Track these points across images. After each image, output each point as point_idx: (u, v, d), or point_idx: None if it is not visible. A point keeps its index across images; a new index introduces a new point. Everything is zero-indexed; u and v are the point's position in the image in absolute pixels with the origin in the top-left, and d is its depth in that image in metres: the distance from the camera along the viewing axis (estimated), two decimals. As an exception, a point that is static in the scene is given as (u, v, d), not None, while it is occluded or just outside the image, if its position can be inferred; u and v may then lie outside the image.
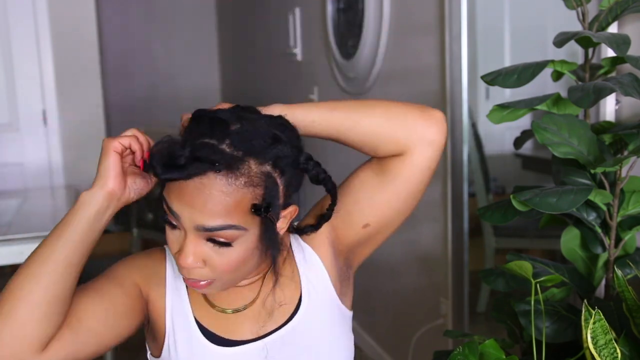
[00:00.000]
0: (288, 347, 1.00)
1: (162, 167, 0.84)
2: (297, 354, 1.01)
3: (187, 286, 0.99)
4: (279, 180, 0.89)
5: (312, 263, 1.03)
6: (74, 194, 3.29)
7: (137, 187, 0.92)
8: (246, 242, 0.89)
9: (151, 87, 5.07)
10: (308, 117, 0.95)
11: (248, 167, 0.86)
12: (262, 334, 1.00)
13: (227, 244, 0.88)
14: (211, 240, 0.87)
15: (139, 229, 3.53)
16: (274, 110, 0.94)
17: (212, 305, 1.00)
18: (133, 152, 0.92)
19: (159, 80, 5.09)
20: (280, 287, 1.01)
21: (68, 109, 3.68)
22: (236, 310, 1.00)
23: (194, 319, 0.98)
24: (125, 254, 1.09)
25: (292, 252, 1.04)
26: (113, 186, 0.88)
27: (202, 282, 0.91)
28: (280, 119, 0.91)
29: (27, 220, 2.69)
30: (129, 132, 0.92)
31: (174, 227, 0.89)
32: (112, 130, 4.65)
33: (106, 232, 0.93)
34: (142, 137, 0.92)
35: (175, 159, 0.83)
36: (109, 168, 0.88)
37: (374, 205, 0.99)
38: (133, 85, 5.01)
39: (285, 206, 0.92)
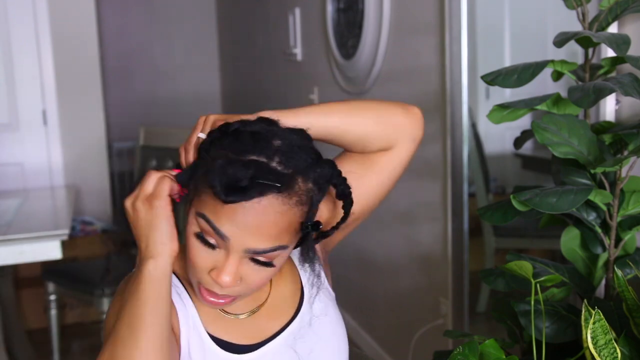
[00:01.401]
0: (311, 327, 1.02)
1: (225, 189, 0.80)
2: (319, 331, 1.03)
3: (192, 300, 0.96)
4: (318, 197, 0.89)
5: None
6: (74, 194, 3.28)
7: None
8: (283, 258, 0.89)
9: (151, 88, 5.07)
10: (302, 123, 0.93)
11: (298, 185, 0.84)
12: (283, 324, 1.01)
13: (269, 264, 0.87)
14: (254, 260, 0.86)
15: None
16: (264, 116, 0.92)
17: (227, 313, 0.98)
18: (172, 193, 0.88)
19: (158, 81, 5.09)
20: (284, 279, 1.04)
21: (68, 109, 3.67)
22: (252, 312, 0.99)
23: (206, 333, 0.95)
24: (125, 254, 1.08)
25: None
26: (176, 247, 0.86)
27: (222, 301, 0.89)
28: (303, 131, 0.90)
29: (27, 220, 2.68)
30: (154, 179, 0.86)
31: (211, 246, 0.85)
32: (112, 130, 4.65)
33: (105, 232, 0.91)
34: (162, 173, 0.88)
35: (237, 181, 0.80)
36: (171, 232, 0.85)
37: (359, 195, 1.01)
38: (133, 86, 5.01)
39: None
